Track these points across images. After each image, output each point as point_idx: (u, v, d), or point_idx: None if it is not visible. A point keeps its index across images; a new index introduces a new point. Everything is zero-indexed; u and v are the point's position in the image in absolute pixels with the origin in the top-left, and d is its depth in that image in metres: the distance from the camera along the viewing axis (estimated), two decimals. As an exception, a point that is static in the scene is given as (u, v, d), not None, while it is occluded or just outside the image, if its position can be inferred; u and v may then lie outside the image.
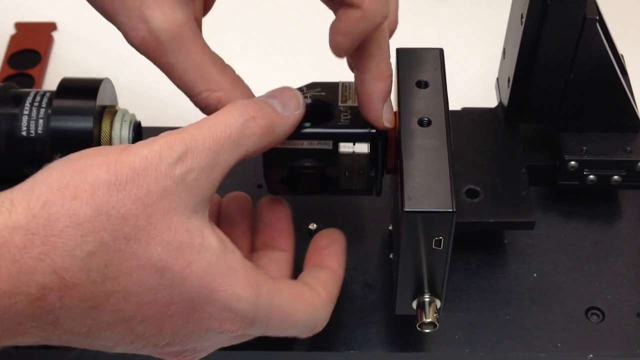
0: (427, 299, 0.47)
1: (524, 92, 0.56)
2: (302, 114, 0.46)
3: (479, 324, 0.53)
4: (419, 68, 0.49)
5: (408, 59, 0.49)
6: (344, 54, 0.45)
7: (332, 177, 0.49)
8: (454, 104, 0.51)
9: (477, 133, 0.58)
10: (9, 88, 0.53)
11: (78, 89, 0.52)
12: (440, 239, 0.43)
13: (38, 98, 0.52)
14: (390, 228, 0.56)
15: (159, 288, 0.39)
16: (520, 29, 0.53)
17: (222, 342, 0.43)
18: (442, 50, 0.50)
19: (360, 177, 0.49)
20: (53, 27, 0.76)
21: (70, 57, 0.74)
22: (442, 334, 0.52)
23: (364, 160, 0.48)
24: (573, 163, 0.55)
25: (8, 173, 0.51)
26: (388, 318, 0.53)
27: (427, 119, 0.46)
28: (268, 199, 0.51)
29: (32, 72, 0.72)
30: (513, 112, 0.57)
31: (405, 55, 0.49)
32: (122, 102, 0.56)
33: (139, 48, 0.44)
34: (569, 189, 0.58)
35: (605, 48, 0.53)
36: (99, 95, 0.52)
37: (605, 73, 0.54)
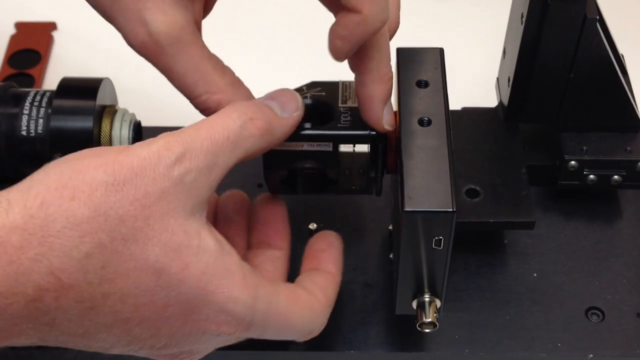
0: (427, 299, 0.47)
1: (524, 91, 0.56)
2: (301, 116, 0.46)
3: (479, 324, 0.53)
4: (419, 68, 0.49)
5: (408, 59, 0.49)
6: (343, 58, 0.44)
7: (332, 177, 0.49)
8: (454, 104, 0.50)
9: (477, 133, 0.58)
10: (9, 88, 0.53)
11: (78, 89, 0.52)
12: (441, 239, 0.43)
13: (38, 98, 0.52)
14: (391, 228, 0.55)
15: (156, 290, 0.38)
16: (521, 29, 0.53)
17: (218, 343, 0.43)
18: (442, 50, 0.50)
19: (360, 176, 0.49)
20: (53, 26, 0.76)
21: (70, 56, 0.74)
22: (442, 334, 0.52)
23: (364, 159, 0.48)
24: (573, 163, 0.55)
25: (8, 173, 0.51)
26: (388, 318, 0.53)
27: (427, 119, 0.46)
28: (264, 197, 0.51)
29: (32, 71, 0.72)
30: (513, 111, 0.57)
31: (406, 55, 0.49)
32: (122, 101, 0.56)
33: (139, 51, 0.44)
34: (569, 189, 0.58)
35: (606, 48, 0.53)
36: (99, 95, 0.52)
37: (606, 73, 0.54)
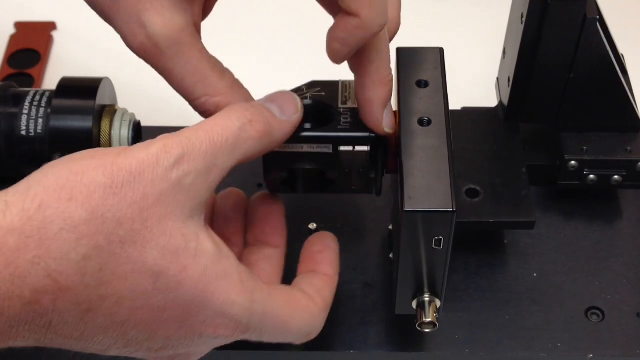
0: (427, 299, 0.47)
1: (524, 91, 0.55)
2: (300, 119, 0.46)
3: (479, 324, 0.53)
4: (419, 67, 0.49)
5: (408, 59, 0.49)
6: (341, 61, 0.44)
7: (332, 178, 0.49)
8: (454, 104, 0.50)
9: (477, 133, 0.58)
10: (9, 87, 0.53)
11: (78, 89, 0.52)
12: (440, 239, 0.43)
13: (37, 97, 0.52)
14: (391, 228, 0.55)
15: (154, 293, 0.38)
16: (521, 29, 0.53)
17: (215, 345, 0.43)
18: (442, 50, 0.50)
19: (360, 175, 0.48)
20: (53, 26, 0.76)
21: (70, 56, 0.74)
22: (442, 334, 0.52)
23: (364, 159, 0.48)
24: (573, 163, 0.55)
25: (7, 172, 0.51)
26: (388, 318, 0.53)
27: (427, 119, 0.46)
28: (261, 195, 0.51)
29: (31, 71, 0.72)
30: (513, 111, 0.57)
31: (406, 55, 0.49)
32: (121, 101, 0.56)
33: (138, 53, 0.44)
34: (569, 189, 0.58)
35: (606, 48, 0.53)
36: (99, 95, 0.52)
37: (606, 73, 0.54)
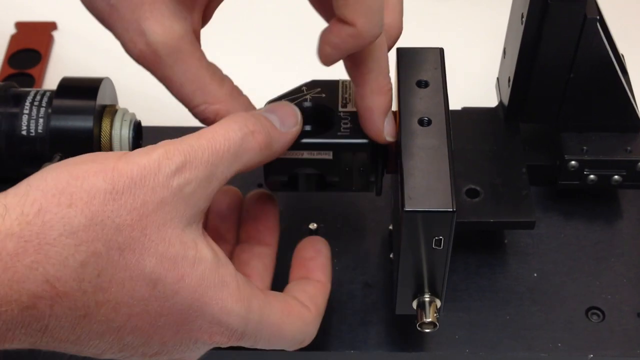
0: (427, 299, 0.47)
1: (525, 91, 0.55)
2: (299, 131, 0.46)
3: (479, 324, 0.53)
4: (419, 67, 0.49)
5: (408, 59, 0.49)
6: (331, 64, 0.44)
7: (332, 181, 0.49)
8: (454, 104, 0.50)
9: (477, 133, 0.58)
10: (9, 87, 0.53)
11: (78, 89, 0.52)
12: (441, 239, 0.43)
13: (38, 97, 0.52)
14: (391, 228, 0.55)
15: (150, 300, 0.38)
16: (521, 29, 0.53)
17: (209, 349, 0.43)
18: (442, 50, 0.50)
19: (360, 174, 0.48)
20: (53, 26, 0.76)
21: (71, 56, 0.74)
22: (442, 334, 0.52)
23: (365, 159, 0.48)
24: (573, 163, 0.55)
25: (8, 172, 0.51)
26: (388, 318, 0.53)
27: (427, 119, 0.46)
28: (257, 193, 0.51)
29: (32, 71, 0.72)
30: (513, 111, 0.57)
31: (406, 55, 0.49)
32: (122, 101, 0.56)
33: (137, 60, 0.44)
34: (569, 189, 0.58)
35: (606, 48, 0.53)
36: (99, 95, 0.52)
37: (606, 73, 0.54)
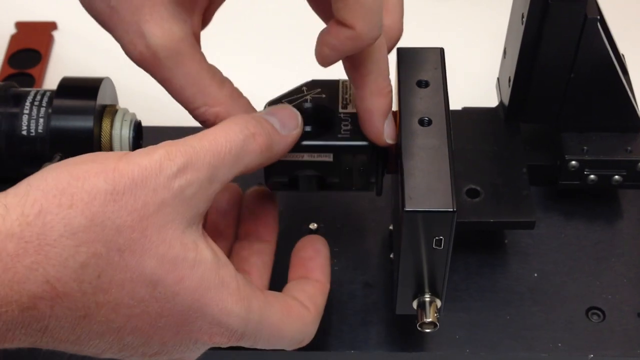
0: (427, 299, 0.47)
1: (525, 91, 0.55)
2: (299, 134, 0.46)
3: (480, 324, 0.53)
4: (420, 67, 0.49)
5: (409, 59, 0.49)
6: (328, 65, 0.44)
7: (332, 182, 0.49)
8: (455, 104, 0.50)
9: (477, 133, 0.58)
10: (9, 87, 0.53)
11: (78, 88, 0.52)
12: (441, 239, 0.43)
13: (38, 97, 0.52)
14: (391, 228, 0.55)
15: (150, 301, 0.38)
16: (521, 29, 0.53)
17: (208, 348, 0.43)
18: (442, 50, 0.50)
19: (361, 174, 0.48)
20: (53, 26, 0.76)
21: (71, 56, 0.74)
22: (442, 334, 0.52)
23: (365, 159, 0.48)
24: (574, 163, 0.55)
25: (8, 172, 0.51)
26: (388, 318, 0.53)
27: (427, 119, 0.46)
28: (257, 190, 0.51)
29: (32, 71, 0.72)
30: (514, 111, 0.57)
31: (406, 55, 0.49)
32: (122, 101, 0.56)
33: (137, 62, 0.44)
34: (570, 189, 0.58)
35: (606, 48, 0.53)
36: (100, 95, 0.52)
37: (606, 73, 0.54)
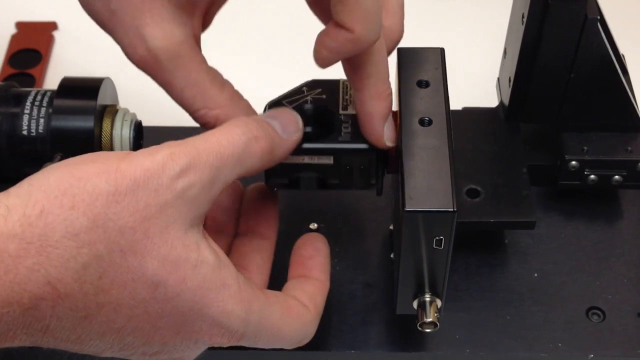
0: (427, 299, 0.47)
1: (525, 92, 0.55)
2: (300, 138, 0.46)
3: (480, 324, 0.53)
4: (420, 67, 0.49)
5: (409, 59, 0.49)
6: (326, 66, 0.44)
7: (333, 183, 0.49)
8: (455, 104, 0.50)
9: (478, 133, 0.58)
10: (10, 87, 0.53)
11: (79, 89, 0.52)
12: (441, 239, 0.43)
13: (39, 97, 0.52)
14: (391, 227, 0.55)
15: (152, 302, 0.38)
16: (521, 29, 0.53)
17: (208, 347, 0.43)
18: (443, 50, 0.50)
19: (361, 173, 0.48)
20: (54, 26, 0.76)
21: (71, 56, 0.74)
22: (442, 334, 0.52)
23: (365, 162, 0.48)
24: (574, 163, 0.55)
25: (9, 172, 0.51)
26: (389, 318, 0.53)
27: (427, 119, 0.46)
28: (257, 186, 0.51)
29: (32, 71, 0.72)
30: (514, 111, 0.57)
31: (406, 55, 0.49)
32: (122, 101, 0.56)
33: (137, 65, 0.44)
34: (570, 189, 0.58)
35: (606, 48, 0.53)
36: (100, 95, 0.52)
37: (606, 73, 0.54)
